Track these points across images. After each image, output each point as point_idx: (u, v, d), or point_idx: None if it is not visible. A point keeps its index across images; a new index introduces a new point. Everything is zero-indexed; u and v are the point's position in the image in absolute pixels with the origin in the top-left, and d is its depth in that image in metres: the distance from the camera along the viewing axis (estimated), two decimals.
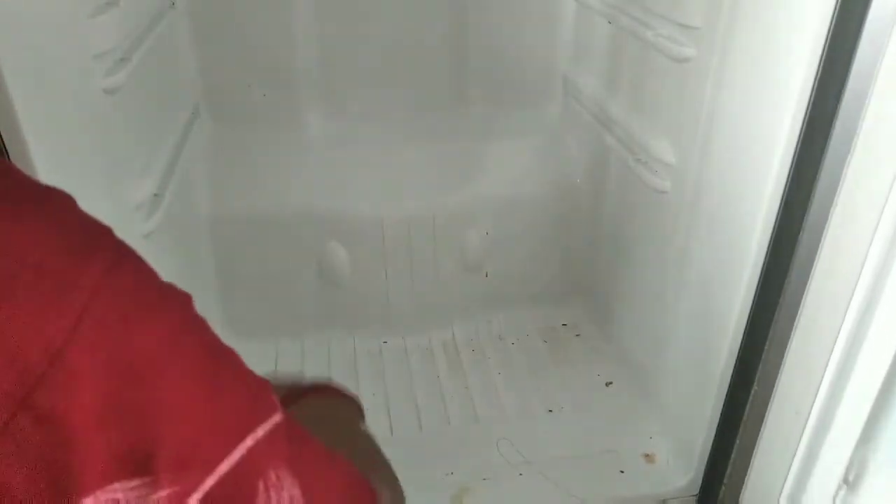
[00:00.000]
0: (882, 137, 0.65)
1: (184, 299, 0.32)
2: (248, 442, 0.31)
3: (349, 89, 1.39)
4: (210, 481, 0.29)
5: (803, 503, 0.85)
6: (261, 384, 0.33)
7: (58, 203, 0.31)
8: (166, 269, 0.49)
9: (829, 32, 0.68)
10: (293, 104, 1.38)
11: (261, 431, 0.31)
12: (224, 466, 0.29)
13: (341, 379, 1.42)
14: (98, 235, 0.31)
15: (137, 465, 0.27)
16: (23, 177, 0.31)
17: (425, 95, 1.43)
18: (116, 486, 0.26)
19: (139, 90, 0.96)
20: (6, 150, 0.60)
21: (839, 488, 0.81)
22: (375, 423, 1.22)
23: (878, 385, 0.73)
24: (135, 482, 0.27)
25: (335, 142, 1.40)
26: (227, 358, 0.33)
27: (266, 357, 1.35)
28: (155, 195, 0.99)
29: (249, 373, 0.34)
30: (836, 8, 0.67)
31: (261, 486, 0.31)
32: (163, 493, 0.27)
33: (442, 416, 1.22)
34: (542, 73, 1.45)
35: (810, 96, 0.72)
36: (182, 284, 0.46)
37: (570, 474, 1.08)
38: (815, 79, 0.71)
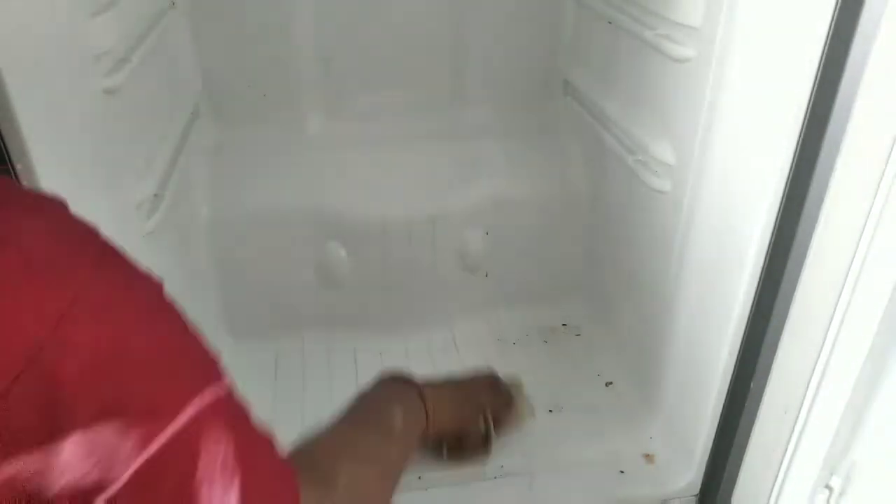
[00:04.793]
0: (871, 137, 0.66)
1: (158, 286, 0.41)
2: (202, 398, 0.37)
3: (349, 89, 1.40)
4: (171, 429, 0.35)
5: None
6: (214, 357, 0.42)
7: (50, 208, 0.39)
8: (166, 268, 0.49)
9: (829, 32, 0.68)
10: (293, 104, 1.39)
11: (211, 392, 0.38)
12: (182, 416, 0.36)
13: (342, 379, 1.43)
14: (86, 234, 0.39)
15: (116, 409, 0.33)
16: (18, 188, 0.39)
17: (425, 95, 1.43)
18: (100, 425, 0.33)
19: (139, 90, 0.96)
20: (6, 150, 0.60)
21: (828, 491, 0.81)
22: None
23: (862, 388, 0.73)
24: (114, 423, 0.33)
25: (335, 142, 1.40)
26: (189, 331, 0.41)
27: (266, 357, 1.35)
28: (155, 195, 0.99)
29: (206, 348, 0.41)
30: (836, 7, 0.67)
31: (204, 437, 0.37)
32: (134, 433, 0.33)
33: None
34: (542, 73, 1.45)
35: (810, 96, 0.72)
36: (182, 284, 0.49)
37: (570, 474, 1.08)
38: (816, 78, 0.71)
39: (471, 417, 1.03)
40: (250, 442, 0.41)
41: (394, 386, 0.88)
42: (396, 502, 0.68)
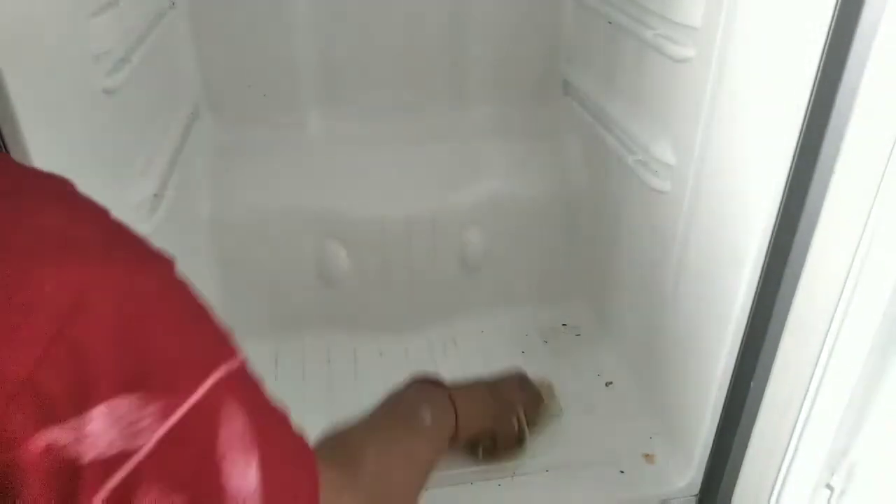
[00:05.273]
0: (871, 136, 0.66)
1: (169, 263, 0.42)
2: (218, 373, 0.39)
3: (349, 89, 1.40)
4: (189, 403, 0.37)
5: None
6: (226, 333, 0.43)
7: (60, 188, 0.41)
8: None
9: (828, 32, 0.68)
10: (293, 104, 1.38)
11: (226, 368, 0.40)
12: (200, 391, 0.37)
13: (342, 379, 1.43)
14: (97, 214, 0.41)
15: (136, 382, 0.35)
16: (24, 167, 0.41)
17: (425, 95, 1.43)
18: (122, 397, 0.34)
19: (139, 90, 0.96)
20: (6, 150, 0.60)
21: (829, 490, 0.81)
22: None
23: (863, 386, 0.73)
24: (135, 395, 0.35)
25: (335, 142, 1.40)
26: (202, 308, 0.43)
27: (266, 357, 1.35)
28: (155, 195, 0.99)
29: (219, 325, 0.43)
30: (835, 8, 0.67)
31: (223, 412, 0.38)
32: (154, 406, 0.35)
33: None
34: (542, 73, 1.45)
35: (810, 96, 0.72)
36: None
37: (570, 474, 1.08)
38: (815, 78, 0.71)
39: (502, 417, 1.04)
40: (267, 418, 0.43)
41: (423, 387, 0.90)
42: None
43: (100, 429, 0.33)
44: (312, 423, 1.33)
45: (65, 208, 0.38)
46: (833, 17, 0.67)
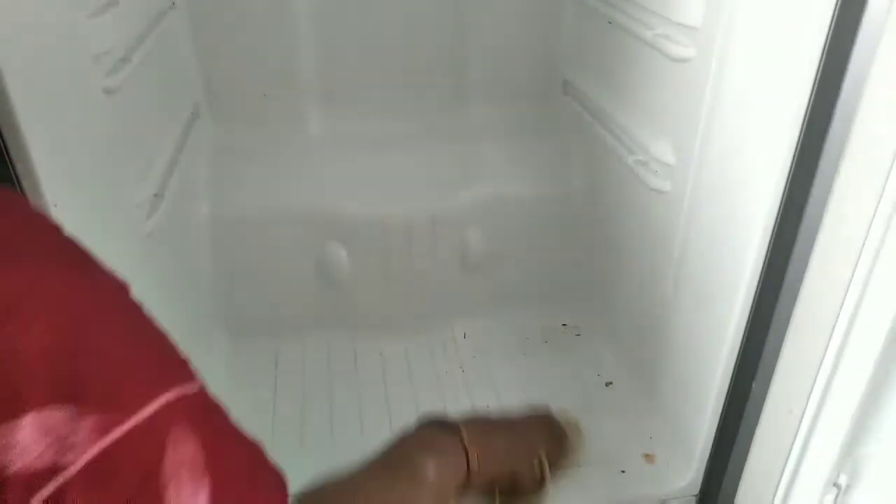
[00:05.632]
0: (874, 136, 0.65)
1: (122, 286, 0.40)
2: (169, 395, 0.36)
3: (349, 89, 1.40)
4: (131, 422, 0.34)
5: None
6: (183, 359, 0.40)
7: (8, 200, 0.40)
8: (166, 268, 0.49)
9: (828, 33, 0.68)
10: (293, 104, 1.39)
11: (179, 391, 0.37)
12: (146, 410, 0.34)
13: (342, 379, 1.42)
14: (43, 227, 0.40)
15: (70, 394, 0.33)
16: None
17: (425, 95, 1.43)
18: (53, 408, 0.32)
19: (139, 90, 0.96)
20: (6, 150, 0.60)
21: (836, 489, 0.81)
22: (375, 425, 1.22)
23: (868, 385, 0.73)
24: (68, 407, 0.32)
25: (335, 142, 1.40)
26: (156, 330, 0.40)
27: (266, 357, 1.35)
28: (155, 195, 0.99)
29: (175, 349, 0.40)
30: (836, 8, 0.67)
31: (171, 436, 0.35)
32: (89, 421, 0.32)
33: None
34: (542, 73, 1.45)
35: (810, 96, 0.72)
36: (182, 284, 0.48)
37: (570, 474, 1.08)
38: (815, 79, 0.71)
39: (523, 459, 0.97)
40: (228, 446, 0.39)
41: (430, 433, 0.85)
42: None
43: (29, 438, 0.31)
44: (313, 423, 1.33)
45: (8, 218, 0.37)
46: (833, 16, 0.67)
